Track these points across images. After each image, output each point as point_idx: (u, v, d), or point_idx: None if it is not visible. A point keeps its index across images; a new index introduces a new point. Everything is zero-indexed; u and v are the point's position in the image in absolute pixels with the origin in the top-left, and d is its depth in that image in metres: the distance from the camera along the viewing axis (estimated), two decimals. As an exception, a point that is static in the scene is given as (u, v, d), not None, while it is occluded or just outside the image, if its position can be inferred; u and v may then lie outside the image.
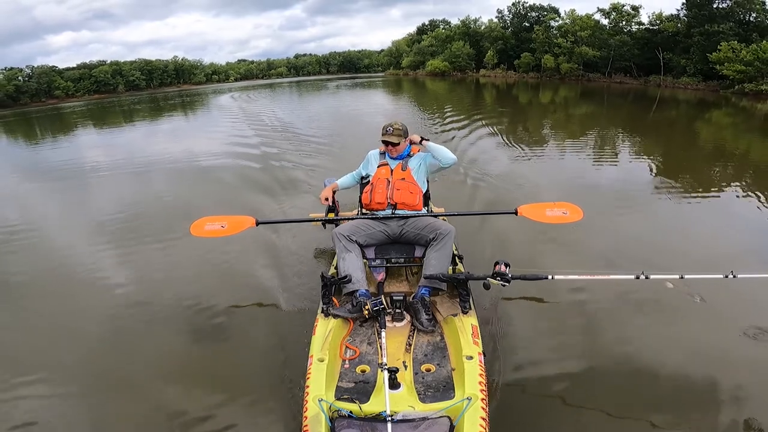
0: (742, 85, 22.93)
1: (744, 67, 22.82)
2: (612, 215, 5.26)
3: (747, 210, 5.47)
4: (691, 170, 7.78)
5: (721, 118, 16.04)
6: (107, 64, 65.89)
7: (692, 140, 11.39)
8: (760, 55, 22.25)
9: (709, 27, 26.13)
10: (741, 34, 25.06)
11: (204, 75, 79.97)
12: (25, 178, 9.60)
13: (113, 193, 7.57)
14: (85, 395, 2.72)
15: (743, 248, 4.25)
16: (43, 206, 7.13)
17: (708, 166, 8.15)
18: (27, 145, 16.94)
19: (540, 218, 3.08)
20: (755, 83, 22.38)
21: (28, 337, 3.36)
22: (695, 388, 2.50)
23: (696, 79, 26.92)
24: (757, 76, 22.50)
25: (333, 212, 3.42)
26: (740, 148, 10.16)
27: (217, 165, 9.11)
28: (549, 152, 9.41)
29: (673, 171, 7.75)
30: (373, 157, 3.25)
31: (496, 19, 47.71)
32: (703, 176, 7.36)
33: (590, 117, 16.87)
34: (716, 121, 15.20)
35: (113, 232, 5.48)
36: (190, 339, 3.20)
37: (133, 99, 45.60)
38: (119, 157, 11.16)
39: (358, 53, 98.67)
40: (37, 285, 4.25)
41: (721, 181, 6.97)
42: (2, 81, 51.99)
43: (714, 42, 24.98)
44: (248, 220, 3.22)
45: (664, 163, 8.42)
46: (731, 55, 23.57)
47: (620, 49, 32.63)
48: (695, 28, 27.20)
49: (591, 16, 36.08)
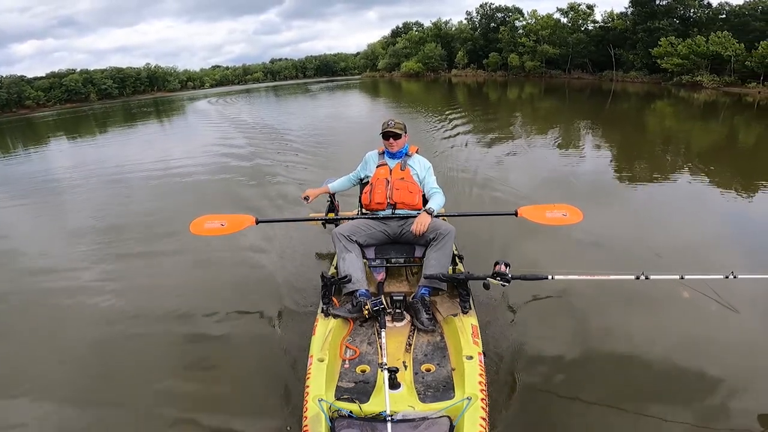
0: (680, 77, 24.55)
1: (681, 60, 24.45)
2: (596, 209, 5.26)
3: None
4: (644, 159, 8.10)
5: (665, 107, 16.97)
6: (77, 73, 63.31)
7: (643, 130, 11.87)
8: (695, 48, 23.96)
9: (651, 24, 27.61)
10: (681, 30, 26.53)
11: (178, 82, 77.88)
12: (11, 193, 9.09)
13: (96, 202, 7.24)
14: (85, 400, 2.62)
15: (744, 247, 4.26)
16: (22, 218, 6.80)
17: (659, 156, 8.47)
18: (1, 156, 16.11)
19: (540, 220, 3.02)
20: (690, 75, 24.06)
21: (13, 353, 3.19)
22: (695, 382, 2.47)
23: (642, 73, 28.36)
24: (693, 68, 24.19)
25: (333, 212, 3.34)
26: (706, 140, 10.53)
27: (201, 170, 8.89)
28: (522, 146, 9.56)
29: (629, 161, 8.02)
30: (371, 158, 3.15)
31: (465, 20, 48.55)
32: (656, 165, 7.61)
33: (555, 112, 17.36)
34: (660, 110, 16.07)
35: (103, 241, 5.23)
36: (188, 340, 3.11)
37: (106, 108, 44.13)
38: (96, 167, 10.71)
39: (335, 56, 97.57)
40: (19, 299, 4.03)
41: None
42: (-30, 92, 49.44)
43: (655, 38, 26.48)
44: (248, 219, 3.14)
45: (632, 155, 8.67)
46: (670, 50, 25.10)
47: (578, 46, 33.69)
48: (639, 25, 28.66)
49: (551, 15, 37.00)
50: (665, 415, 2.27)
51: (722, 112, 15.45)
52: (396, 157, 3.02)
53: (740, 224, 4.91)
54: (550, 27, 36.22)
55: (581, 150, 9.25)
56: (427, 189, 2.97)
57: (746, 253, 3.98)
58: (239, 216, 3.19)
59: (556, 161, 8.15)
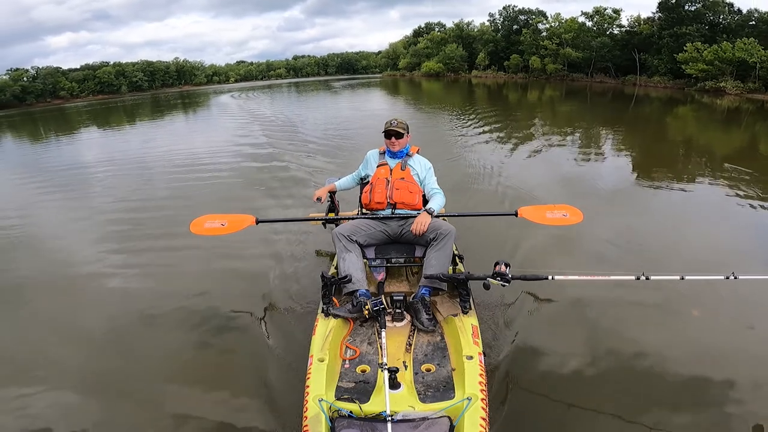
0: (703, 83, 23.96)
1: (705, 66, 23.82)
2: (604, 211, 5.20)
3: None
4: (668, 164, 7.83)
5: (687, 112, 16.67)
6: (110, 65, 64.72)
7: (663, 134, 11.62)
8: (720, 54, 23.27)
9: (678, 29, 26.96)
10: (708, 36, 25.86)
11: (205, 76, 79.01)
12: (27, 177, 9.36)
13: (117, 192, 7.38)
14: (87, 395, 2.62)
15: (744, 247, 4.21)
16: (45, 206, 6.95)
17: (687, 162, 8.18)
18: (31, 144, 16.67)
19: (540, 220, 3.00)
20: (714, 81, 23.40)
21: (31, 338, 3.23)
22: (697, 389, 2.45)
23: (666, 78, 27.77)
24: (717, 74, 23.50)
25: (333, 212, 3.32)
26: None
27: (221, 162, 8.96)
28: (539, 147, 9.41)
29: (652, 165, 7.79)
30: (372, 157, 3.13)
31: (488, 22, 48.12)
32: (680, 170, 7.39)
33: (576, 114, 17.04)
34: (682, 115, 15.74)
35: (116, 231, 5.34)
36: (189, 339, 3.08)
37: (136, 100, 45.06)
38: (122, 156, 10.97)
39: (356, 55, 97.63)
40: (39, 286, 4.09)
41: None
42: (8, 82, 51.14)
43: (681, 43, 25.90)
44: (248, 218, 3.12)
45: (644, 158, 8.47)
46: (696, 55, 24.52)
47: (601, 50, 32.98)
48: (665, 30, 28.02)
49: (575, 19, 36.33)
50: (663, 418, 2.23)
51: (745, 118, 15.04)
52: (397, 157, 3.00)
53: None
54: (574, 30, 35.58)
55: (600, 152, 9.06)
56: (427, 189, 2.94)
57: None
58: (239, 216, 3.17)
59: (573, 162, 8.03)
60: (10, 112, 41.65)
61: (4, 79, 51.26)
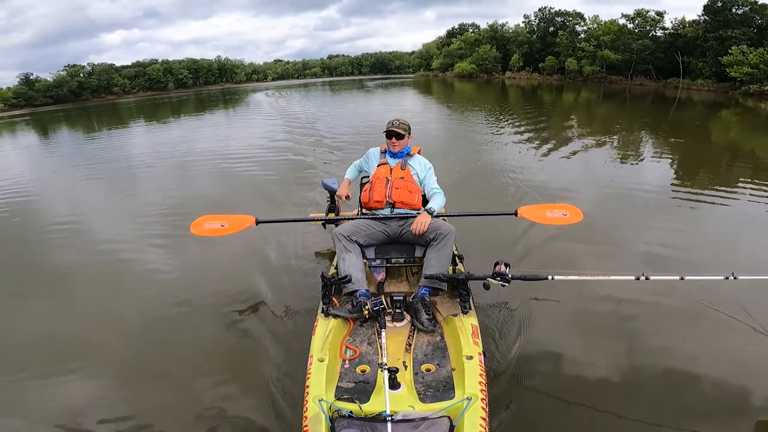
0: (748, 86, 23.02)
1: (751, 69, 22.89)
2: (621, 212, 5.06)
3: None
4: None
5: (729, 116, 15.80)
6: (159, 63, 67.36)
7: (706, 137, 11.18)
8: (766, 57, 22.40)
9: (723, 32, 25.99)
10: (755, 39, 24.78)
11: (245, 74, 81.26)
12: (76, 168, 9.87)
13: (161, 185, 7.59)
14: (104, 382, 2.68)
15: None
16: (93, 197, 7.24)
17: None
18: (84, 136, 17.53)
19: (540, 219, 2.95)
20: (759, 84, 22.52)
21: (72, 324, 3.32)
22: (697, 389, 2.39)
23: (710, 81, 26.76)
24: (763, 78, 22.59)
25: (333, 212, 3.30)
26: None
27: (258, 159, 9.05)
28: (574, 149, 9.18)
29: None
30: (373, 155, 3.11)
31: (522, 23, 47.06)
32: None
33: (614, 116, 16.45)
34: (725, 119, 14.92)
35: (153, 223, 5.45)
36: (187, 339, 3.05)
37: (181, 96, 46.64)
38: (167, 149, 11.36)
39: (390, 54, 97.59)
40: (81, 274, 4.22)
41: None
42: (66, 77, 53.93)
43: (726, 46, 24.94)
44: (248, 219, 3.10)
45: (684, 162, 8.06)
46: (741, 58, 23.51)
47: (642, 52, 31.65)
48: (710, 33, 26.97)
49: (615, 21, 34.91)
50: (665, 418, 2.18)
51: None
52: (397, 157, 2.98)
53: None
54: (613, 32, 34.16)
55: (638, 156, 8.71)
56: (427, 189, 2.91)
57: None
58: (239, 216, 3.14)
59: (609, 166, 7.77)
60: (67, 106, 43.87)
61: (62, 75, 53.95)
